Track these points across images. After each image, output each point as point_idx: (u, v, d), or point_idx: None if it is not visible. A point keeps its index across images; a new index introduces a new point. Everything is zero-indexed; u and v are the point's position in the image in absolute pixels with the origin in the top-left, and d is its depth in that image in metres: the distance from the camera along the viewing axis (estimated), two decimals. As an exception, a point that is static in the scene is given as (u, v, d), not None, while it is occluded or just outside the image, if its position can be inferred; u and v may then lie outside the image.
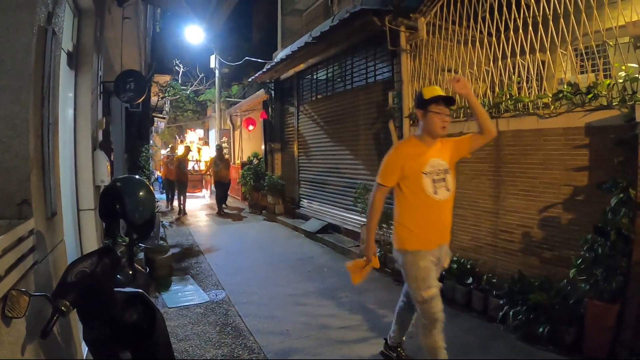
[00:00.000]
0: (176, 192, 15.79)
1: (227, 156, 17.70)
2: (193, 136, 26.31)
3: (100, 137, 5.49)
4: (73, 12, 4.56)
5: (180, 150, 20.22)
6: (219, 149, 15.66)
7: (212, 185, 17.01)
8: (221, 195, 15.02)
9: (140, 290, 2.60)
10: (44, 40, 2.78)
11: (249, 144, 20.21)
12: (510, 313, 4.81)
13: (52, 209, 2.90)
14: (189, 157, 18.49)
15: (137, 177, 2.80)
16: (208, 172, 18.27)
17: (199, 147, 24.38)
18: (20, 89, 2.50)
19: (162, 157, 20.88)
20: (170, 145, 19.18)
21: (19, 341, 2.11)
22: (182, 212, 14.78)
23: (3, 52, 2.48)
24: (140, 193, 2.54)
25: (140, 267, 2.70)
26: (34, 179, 2.57)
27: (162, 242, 7.98)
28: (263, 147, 15.69)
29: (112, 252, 2.38)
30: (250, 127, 17.51)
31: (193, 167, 21.61)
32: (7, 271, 2.03)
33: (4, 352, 1.94)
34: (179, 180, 15.00)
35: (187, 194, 15.86)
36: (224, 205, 15.13)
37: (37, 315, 2.33)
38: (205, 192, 20.84)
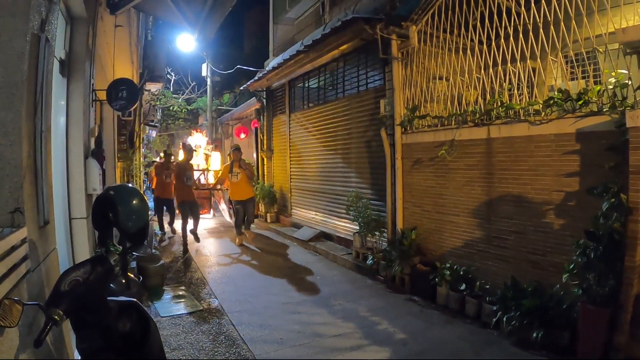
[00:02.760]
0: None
1: (249, 162, 11.57)
2: (199, 139, 19.38)
3: (92, 145, 5.47)
4: (65, 20, 4.56)
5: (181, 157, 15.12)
6: (237, 149, 10.61)
7: (230, 204, 11.89)
8: (242, 217, 10.64)
9: (134, 299, 2.59)
10: (37, 48, 2.78)
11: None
12: (504, 319, 4.82)
13: (44, 218, 2.88)
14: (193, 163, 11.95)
15: (130, 185, 2.79)
16: (220, 187, 12.62)
17: (206, 154, 18.14)
18: (13, 96, 2.49)
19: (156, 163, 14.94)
20: (164, 151, 13.44)
21: (11, 350, 2.09)
22: (195, 238, 10.35)
23: (-5, 59, 2.47)
24: (134, 201, 2.53)
25: (133, 276, 2.68)
26: (27, 187, 2.55)
27: (154, 251, 7.94)
28: (255, 155, 15.66)
29: (106, 261, 2.37)
30: (242, 136, 17.49)
31: (199, 178, 14.94)
32: (-1, 280, 2.02)
33: (-2, 361, 1.92)
34: (184, 201, 10.19)
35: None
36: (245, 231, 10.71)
37: (30, 324, 2.31)
38: (223, 209, 15.31)
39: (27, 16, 2.59)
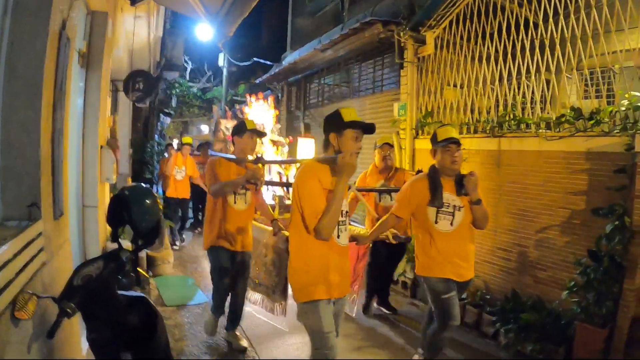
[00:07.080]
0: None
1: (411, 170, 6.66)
2: (260, 112, 8.79)
3: (107, 135, 5.56)
4: (86, 11, 4.64)
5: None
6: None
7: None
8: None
9: (143, 294, 2.69)
10: (57, 47, 2.84)
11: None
12: (502, 330, 4.87)
13: (59, 210, 2.98)
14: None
15: (144, 185, 2.90)
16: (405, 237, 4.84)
17: (274, 140, 8.58)
18: (34, 95, 2.57)
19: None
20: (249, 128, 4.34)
21: (25, 340, 2.19)
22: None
23: (17, 58, 2.54)
24: (147, 201, 2.64)
25: (143, 272, 2.79)
26: (44, 183, 2.65)
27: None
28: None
29: (118, 258, 2.47)
30: (255, 128, 17.38)
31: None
32: (17, 274, 2.11)
33: (12, 351, 2.02)
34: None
35: None
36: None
37: (42, 315, 2.41)
38: None
39: (48, 15, 2.65)
